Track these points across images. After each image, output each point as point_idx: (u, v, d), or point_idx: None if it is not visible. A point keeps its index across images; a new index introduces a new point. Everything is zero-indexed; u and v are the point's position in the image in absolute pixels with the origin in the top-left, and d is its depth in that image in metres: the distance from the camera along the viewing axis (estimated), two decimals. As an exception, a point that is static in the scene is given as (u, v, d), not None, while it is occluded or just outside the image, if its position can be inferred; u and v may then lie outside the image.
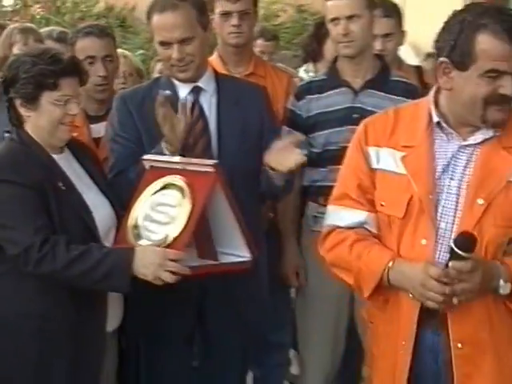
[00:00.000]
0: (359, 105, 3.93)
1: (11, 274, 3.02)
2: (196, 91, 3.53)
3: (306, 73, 5.77)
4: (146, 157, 3.25)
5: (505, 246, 2.70)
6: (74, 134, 3.37)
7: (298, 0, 9.84)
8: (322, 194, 3.85)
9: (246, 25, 4.25)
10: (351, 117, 3.86)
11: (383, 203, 2.81)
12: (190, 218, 3.03)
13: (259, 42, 6.39)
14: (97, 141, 3.99)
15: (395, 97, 3.91)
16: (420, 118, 2.84)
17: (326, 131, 3.99)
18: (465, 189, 2.76)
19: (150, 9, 3.49)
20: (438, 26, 2.81)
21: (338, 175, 3.04)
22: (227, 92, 3.58)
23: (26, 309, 3.04)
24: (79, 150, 3.25)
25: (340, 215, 2.91)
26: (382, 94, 3.96)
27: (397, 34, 4.70)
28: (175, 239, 3.03)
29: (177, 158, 3.20)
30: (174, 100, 3.37)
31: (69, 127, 3.10)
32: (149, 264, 2.96)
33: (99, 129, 4.05)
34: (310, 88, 4.08)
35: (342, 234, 2.88)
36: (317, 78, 4.21)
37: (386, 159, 2.84)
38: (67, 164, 3.15)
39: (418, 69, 5.05)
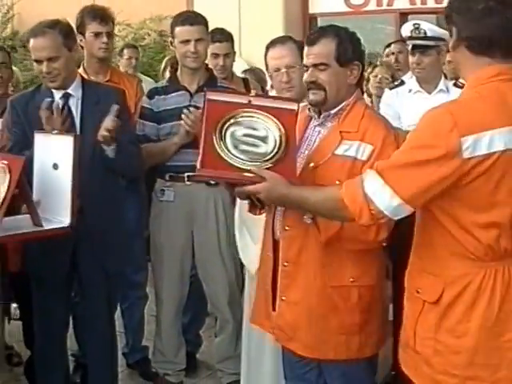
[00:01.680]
0: (194, 103, 4.18)
1: None
2: (66, 96, 3.83)
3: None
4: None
5: None
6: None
7: (160, 26, 9.99)
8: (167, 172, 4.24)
9: (111, 43, 4.64)
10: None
11: None
12: (6, 194, 3.07)
13: (125, 51, 7.04)
14: None
15: None
16: None
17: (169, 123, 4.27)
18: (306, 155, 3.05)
19: (27, 34, 3.84)
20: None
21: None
22: (90, 95, 3.85)
23: None
24: None
25: None
26: None
27: (232, 53, 5.06)
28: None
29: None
30: (52, 105, 3.68)
31: None
32: None
33: None
34: (157, 91, 4.36)
35: None
36: (161, 85, 4.50)
37: None
38: None
39: (245, 80, 5.38)
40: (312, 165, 2.98)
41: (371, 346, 3.11)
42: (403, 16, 9.46)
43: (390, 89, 4.96)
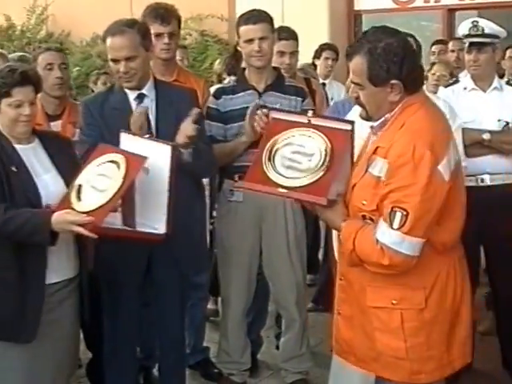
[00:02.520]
0: (262, 103, 4.19)
1: None
2: (140, 97, 3.82)
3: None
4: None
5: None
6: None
7: (201, 26, 10.01)
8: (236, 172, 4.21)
9: (174, 43, 4.56)
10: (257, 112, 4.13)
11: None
12: (117, 191, 3.05)
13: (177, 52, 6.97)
14: None
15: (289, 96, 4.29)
16: None
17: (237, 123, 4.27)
18: None
19: (105, 33, 3.78)
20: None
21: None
22: (164, 95, 3.84)
23: None
24: (50, 140, 3.44)
25: None
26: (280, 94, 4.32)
27: (297, 52, 5.09)
28: (98, 207, 3.05)
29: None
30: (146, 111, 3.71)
31: (25, 123, 3.27)
32: (62, 223, 3.06)
33: (57, 125, 4.30)
34: (224, 91, 4.38)
35: None
36: (228, 85, 4.57)
37: None
38: (32, 152, 3.34)
39: (307, 79, 5.38)
40: (352, 182, 2.90)
41: (429, 373, 2.89)
42: (451, 12, 9.43)
43: (445, 87, 4.97)
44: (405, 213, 2.67)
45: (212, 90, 4.77)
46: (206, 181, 4.59)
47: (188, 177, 3.81)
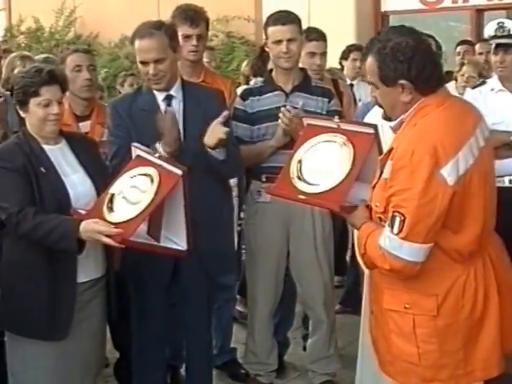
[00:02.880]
0: (289, 104, 4.20)
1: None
2: (169, 98, 3.83)
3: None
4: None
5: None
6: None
7: (228, 27, 10.03)
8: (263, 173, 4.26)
9: (202, 45, 4.58)
10: None
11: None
12: (148, 206, 3.07)
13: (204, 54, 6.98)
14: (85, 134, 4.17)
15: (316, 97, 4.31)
16: None
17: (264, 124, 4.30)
18: None
19: (133, 35, 3.79)
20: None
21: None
22: (191, 96, 3.85)
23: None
24: (76, 141, 3.47)
25: None
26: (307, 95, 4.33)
27: (326, 53, 5.12)
28: (129, 220, 3.09)
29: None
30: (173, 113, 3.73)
31: (53, 122, 3.30)
32: (90, 232, 3.08)
33: (85, 126, 4.31)
34: (252, 92, 4.39)
35: None
36: (255, 85, 4.52)
37: None
38: (60, 153, 3.37)
39: (334, 80, 5.40)
40: (372, 185, 2.90)
41: (443, 382, 2.83)
42: (479, 13, 9.38)
43: (472, 88, 4.94)
44: (402, 218, 2.65)
45: (239, 90, 4.80)
46: (233, 182, 4.61)
47: (215, 177, 3.83)
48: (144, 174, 3.20)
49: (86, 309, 3.33)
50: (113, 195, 3.19)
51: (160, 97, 3.79)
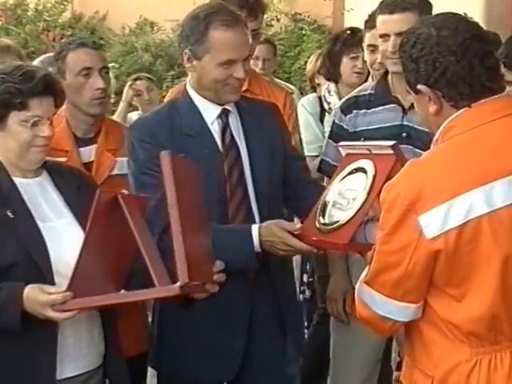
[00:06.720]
0: (407, 123, 4.18)
1: None
2: (225, 114, 3.73)
3: (328, 93, 5.85)
4: (342, 143, 3.63)
5: None
6: (63, 159, 3.71)
7: (294, 7, 9.55)
8: None
9: (255, 43, 4.59)
10: (400, 135, 4.10)
11: None
12: (363, 205, 3.22)
13: None
14: (88, 166, 4.10)
15: None
16: None
17: None
18: None
19: (206, 23, 3.64)
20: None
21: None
22: (246, 112, 3.83)
23: None
24: (62, 175, 3.38)
25: None
26: None
27: None
28: (343, 224, 3.27)
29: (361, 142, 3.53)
30: None
31: (41, 149, 3.24)
32: (33, 304, 3.08)
33: (89, 152, 4.21)
34: (357, 102, 4.34)
35: None
36: (363, 93, 4.43)
37: None
38: (39, 189, 3.31)
39: None
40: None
41: None
42: None
43: None
44: (370, 260, 2.88)
45: (312, 100, 5.33)
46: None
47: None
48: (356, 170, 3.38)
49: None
50: (325, 204, 3.40)
51: (210, 113, 3.72)
